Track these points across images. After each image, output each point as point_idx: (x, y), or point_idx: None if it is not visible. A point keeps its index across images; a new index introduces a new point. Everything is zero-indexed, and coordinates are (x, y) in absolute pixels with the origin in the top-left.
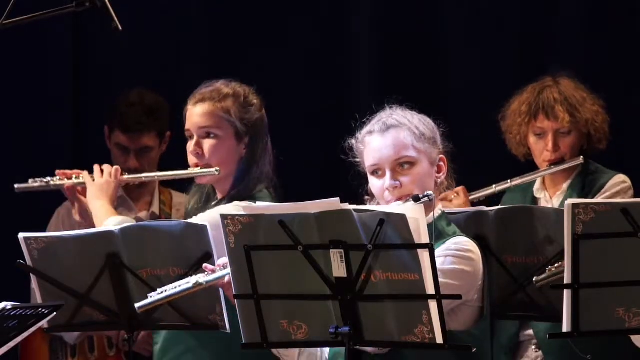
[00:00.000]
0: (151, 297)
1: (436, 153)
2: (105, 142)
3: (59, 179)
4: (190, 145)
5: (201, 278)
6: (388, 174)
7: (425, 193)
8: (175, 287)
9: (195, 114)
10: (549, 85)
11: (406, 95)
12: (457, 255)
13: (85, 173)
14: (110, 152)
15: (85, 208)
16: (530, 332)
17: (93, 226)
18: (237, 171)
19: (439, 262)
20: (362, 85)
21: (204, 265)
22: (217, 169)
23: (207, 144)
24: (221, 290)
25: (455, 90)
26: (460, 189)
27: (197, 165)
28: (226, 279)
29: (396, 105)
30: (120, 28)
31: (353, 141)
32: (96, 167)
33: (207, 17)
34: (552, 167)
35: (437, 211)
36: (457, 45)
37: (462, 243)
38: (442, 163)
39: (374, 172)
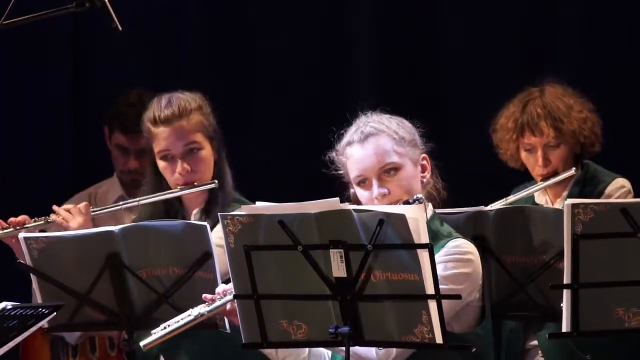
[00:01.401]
0: (154, 333)
1: (418, 153)
2: (105, 142)
3: (1, 229)
4: (175, 166)
5: (202, 309)
6: (374, 182)
7: (415, 197)
8: (178, 322)
9: (171, 133)
10: (533, 97)
11: (406, 97)
12: (457, 260)
13: (54, 217)
14: (110, 152)
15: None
16: (536, 342)
17: None
18: (214, 176)
19: (440, 267)
20: (362, 86)
21: (203, 295)
22: (216, 181)
23: (194, 160)
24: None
25: (455, 91)
26: None
27: (185, 184)
28: (228, 306)
29: (370, 111)
30: (120, 28)
31: (333, 154)
32: (59, 209)
33: (207, 17)
34: (544, 181)
35: (429, 211)
36: (457, 45)
37: (460, 246)
38: (425, 162)
39: (360, 183)
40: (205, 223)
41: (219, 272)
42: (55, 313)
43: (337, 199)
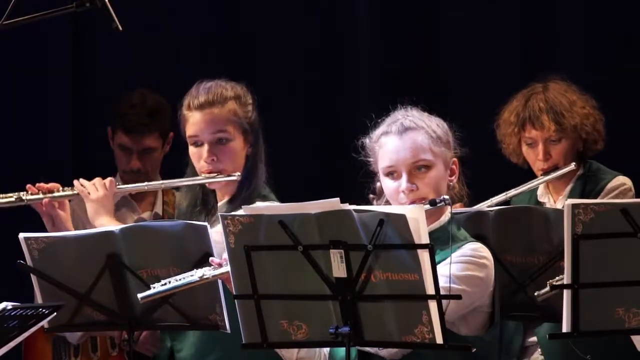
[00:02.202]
0: (154, 287)
1: (450, 156)
2: (108, 142)
3: (31, 193)
4: (202, 152)
5: (207, 271)
6: (404, 176)
7: (442, 197)
8: (180, 279)
9: (202, 120)
10: (536, 92)
11: (405, 95)
12: (472, 262)
13: (78, 186)
14: (112, 152)
15: (64, 222)
16: (534, 339)
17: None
18: (245, 170)
19: (455, 267)
20: (362, 86)
21: (211, 259)
22: (239, 174)
23: (222, 149)
24: (221, 291)
25: (456, 91)
26: (457, 205)
27: (210, 172)
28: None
29: (410, 106)
30: (120, 28)
31: (367, 140)
32: (85, 182)
33: (207, 17)
34: (544, 176)
35: (447, 214)
36: (457, 45)
37: (477, 249)
38: (454, 166)
39: (389, 174)
40: (205, 223)
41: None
42: (55, 313)
43: (338, 199)
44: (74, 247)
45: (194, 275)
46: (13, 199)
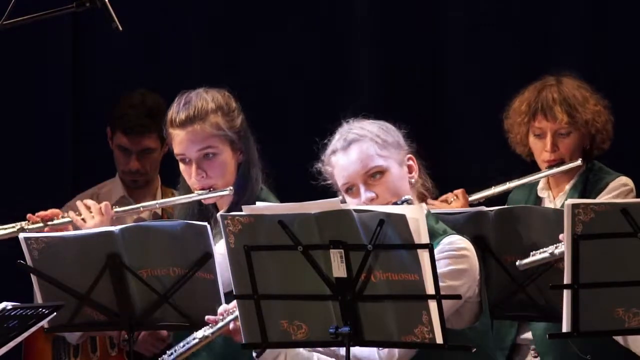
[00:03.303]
0: (162, 359)
1: (403, 155)
2: (108, 143)
3: (32, 223)
4: (192, 171)
5: (207, 331)
6: (362, 188)
7: (403, 198)
8: (184, 346)
9: (186, 138)
10: (550, 84)
11: (406, 96)
12: (452, 256)
13: (73, 215)
14: (112, 152)
15: None
16: (528, 335)
17: None
18: (239, 178)
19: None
20: (363, 86)
21: (207, 317)
22: (230, 188)
23: (210, 165)
24: (221, 291)
25: (455, 91)
26: (459, 191)
27: (202, 189)
28: (231, 326)
29: (352, 118)
30: (120, 28)
31: (319, 164)
32: (81, 205)
33: (207, 17)
34: (549, 169)
35: (425, 209)
36: (457, 45)
37: (454, 242)
38: (411, 162)
39: (348, 190)
40: (205, 223)
41: (221, 285)
42: (55, 313)
43: (338, 199)
44: (74, 247)
45: (196, 338)
46: (15, 230)
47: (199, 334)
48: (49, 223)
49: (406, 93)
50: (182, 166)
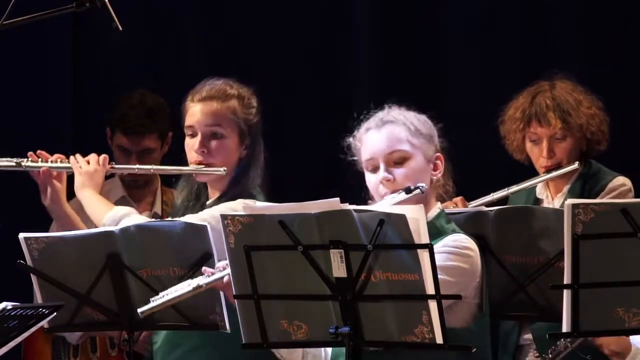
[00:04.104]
0: (153, 301)
1: (432, 150)
2: (107, 143)
3: (32, 161)
4: (195, 143)
5: (201, 280)
6: (382, 166)
7: (417, 185)
8: (177, 291)
9: (200, 111)
10: (543, 90)
11: (405, 95)
12: (454, 252)
13: (72, 159)
14: (112, 153)
15: (59, 193)
16: (529, 335)
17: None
18: (236, 171)
19: (436, 257)
20: (363, 86)
21: (203, 268)
22: (225, 168)
23: (214, 143)
24: (221, 291)
25: (455, 91)
26: (459, 199)
27: (200, 163)
28: (225, 279)
29: (394, 105)
30: (120, 28)
31: (351, 139)
32: (79, 157)
33: (207, 17)
34: (547, 173)
35: (436, 209)
36: (456, 45)
37: (460, 240)
38: (438, 162)
39: (369, 167)
40: (205, 223)
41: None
42: (55, 313)
43: (338, 199)
44: (74, 247)
45: (190, 285)
46: (12, 164)
47: (193, 282)
48: (47, 164)
49: (406, 93)
50: (187, 140)
